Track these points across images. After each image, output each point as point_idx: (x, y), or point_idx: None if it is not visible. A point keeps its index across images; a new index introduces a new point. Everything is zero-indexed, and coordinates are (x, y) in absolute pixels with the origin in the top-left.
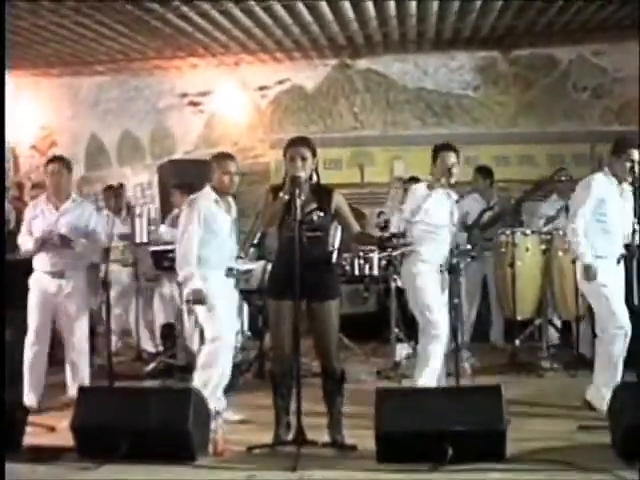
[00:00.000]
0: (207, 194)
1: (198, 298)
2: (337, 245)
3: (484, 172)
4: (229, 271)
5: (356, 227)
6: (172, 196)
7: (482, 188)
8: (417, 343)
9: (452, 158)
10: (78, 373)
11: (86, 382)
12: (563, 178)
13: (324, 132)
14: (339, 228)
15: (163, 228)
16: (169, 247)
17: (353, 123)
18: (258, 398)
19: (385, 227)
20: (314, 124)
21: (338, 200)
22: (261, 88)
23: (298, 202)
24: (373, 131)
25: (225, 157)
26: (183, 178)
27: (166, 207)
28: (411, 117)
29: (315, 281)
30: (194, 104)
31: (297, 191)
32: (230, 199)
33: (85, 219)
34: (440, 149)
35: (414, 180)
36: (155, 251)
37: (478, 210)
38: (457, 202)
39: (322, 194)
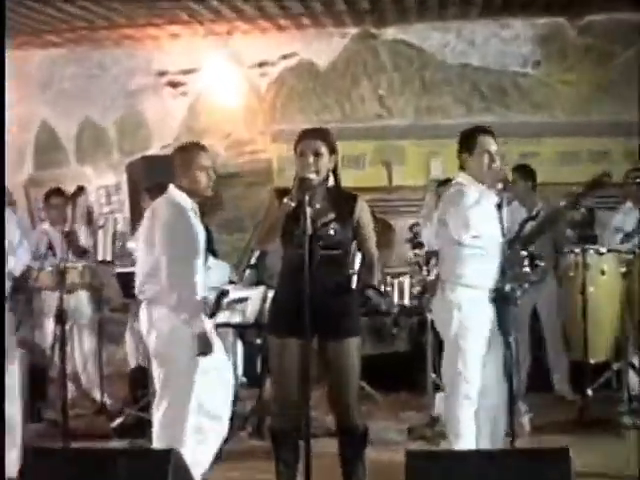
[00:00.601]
0: (183, 198)
1: (203, 343)
2: (358, 267)
3: (524, 172)
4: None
5: (370, 252)
6: (142, 201)
7: (522, 192)
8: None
9: (493, 145)
10: (9, 432)
11: (17, 442)
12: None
13: (340, 121)
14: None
15: (133, 243)
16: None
17: (378, 109)
18: (256, 463)
19: (419, 245)
20: (328, 111)
21: (362, 210)
22: (260, 65)
23: (309, 211)
24: (403, 120)
25: (197, 148)
26: (159, 179)
27: (137, 216)
28: (452, 102)
29: (330, 313)
30: (175, 85)
31: (307, 196)
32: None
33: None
34: (476, 133)
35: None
36: (123, 273)
37: (518, 221)
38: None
39: (342, 201)
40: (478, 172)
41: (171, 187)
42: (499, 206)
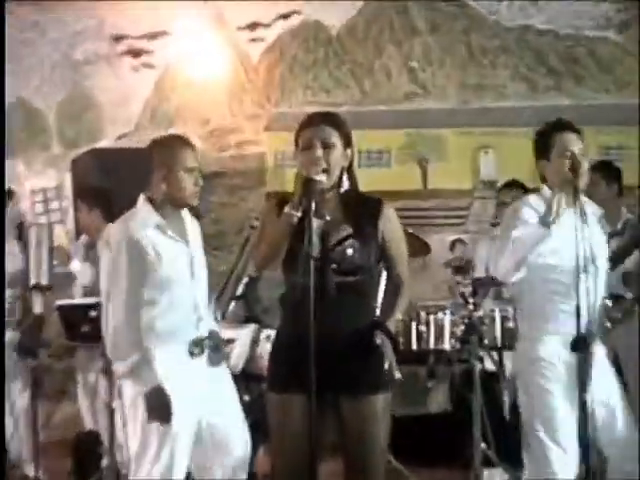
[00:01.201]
0: (141, 216)
1: (158, 406)
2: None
3: (606, 172)
4: (195, 346)
5: (400, 279)
6: (79, 211)
7: (604, 199)
8: (518, 469)
9: (577, 144)
10: None
11: None
12: None
13: (359, 103)
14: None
15: (77, 264)
16: (89, 300)
17: (409, 87)
18: None
19: (463, 269)
20: (341, 89)
21: (389, 221)
22: (251, 27)
23: (315, 224)
24: (443, 101)
25: (181, 143)
26: (115, 180)
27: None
28: (508, 77)
29: (347, 362)
30: (136, 54)
31: (314, 204)
32: (186, 215)
33: None
34: (554, 130)
35: (515, 187)
36: (66, 307)
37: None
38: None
39: (361, 210)
40: (559, 181)
41: (140, 201)
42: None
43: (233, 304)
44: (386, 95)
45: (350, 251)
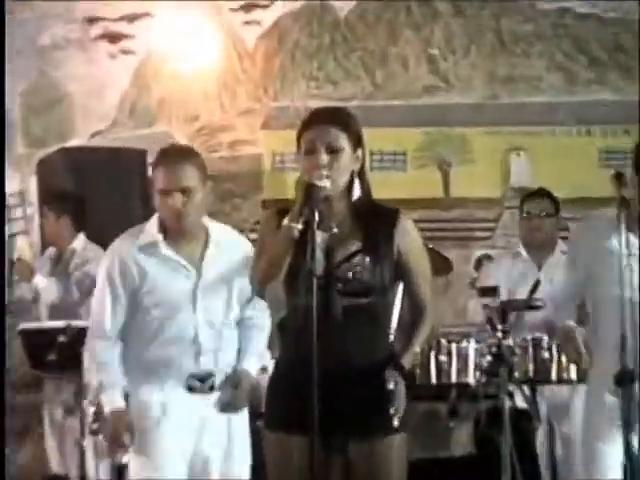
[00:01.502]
0: (139, 232)
1: (117, 432)
2: (395, 322)
3: None
4: (195, 380)
5: (419, 301)
6: (44, 217)
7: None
8: None
9: None
10: None
11: None
12: None
13: (370, 97)
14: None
15: (41, 280)
16: (55, 324)
17: (428, 78)
18: None
19: (492, 291)
20: (350, 80)
21: (406, 233)
22: (245, 8)
23: (320, 237)
24: (468, 95)
25: (159, 160)
26: (87, 184)
27: (52, 240)
28: (543, 68)
29: (356, 397)
30: (113, 38)
31: (317, 215)
32: (214, 242)
33: None
34: None
35: (542, 197)
36: (31, 331)
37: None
38: None
39: (374, 221)
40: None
41: (154, 216)
42: None
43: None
44: (402, 88)
45: (359, 268)
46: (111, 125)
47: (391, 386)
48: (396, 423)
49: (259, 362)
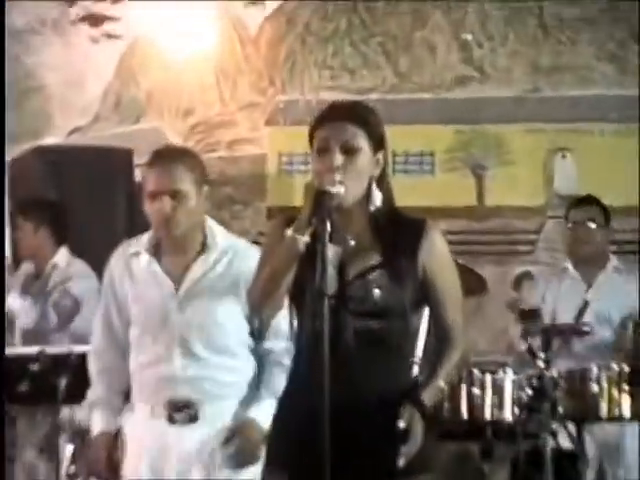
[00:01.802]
0: (135, 240)
1: (99, 461)
2: (421, 349)
3: None
4: (175, 409)
5: (447, 326)
6: (18, 231)
7: None
8: None
9: None
10: None
11: None
12: None
13: (393, 90)
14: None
15: (15, 301)
16: (27, 350)
17: (461, 68)
18: None
19: (532, 313)
20: (370, 69)
21: (433, 246)
22: None
23: (332, 251)
24: (506, 88)
25: (152, 160)
26: (65, 188)
27: (24, 251)
28: (593, 57)
29: (371, 437)
30: (96, 21)
31: (329, 225)
32: (202, 256)
33: None
34: None
35: (590, 204)
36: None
37: None
38: None
39: (395, 233)
40: None
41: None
42: None
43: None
44: (429, 79)
45: (375, 286)
46: (93, 120)
47: (403, 425)
48: (401, 463)
49: (273, 406)
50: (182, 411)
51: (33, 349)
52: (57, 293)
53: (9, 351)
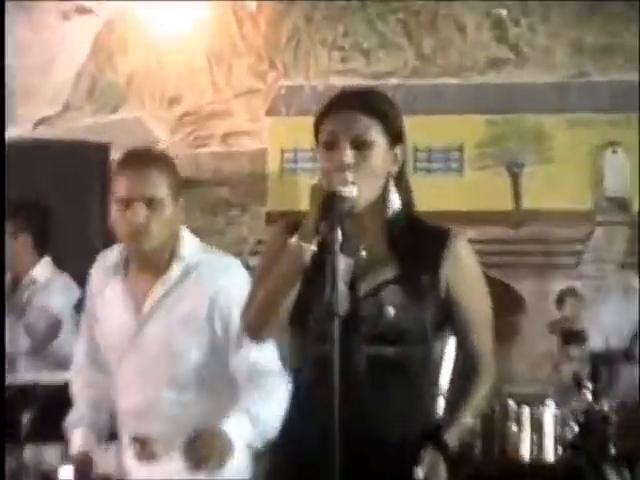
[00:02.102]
0: (105, 255)
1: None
2: (446, 380)
3: None
4: (136, 444)
5: (475, 353)
6: None
7: None
8: None
9: None
10: None
11: None
12: None
13: (413, 74)
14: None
15: None
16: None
17: (494, 49)
18: None
19: (577, 336)
20: (388, 51)
21: (460, 260)
22: None
23: (343, 263)
24: (547, 72)
25: (123, 162)
26: (30, 187)
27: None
28: None
29: None
30: None
31: (340, 233)
32: (170, 270)
33: None
34: None
35: None
36: None
37: None
38: None
39: (415, 243)
40: None
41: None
42: None
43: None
44: (457, 61)
45: (391, 305)
46: (63, 110)
47: (422, 473)
48: None
49: (252, 425)
50: (143, 447)
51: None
52: (34, 312)
53: None
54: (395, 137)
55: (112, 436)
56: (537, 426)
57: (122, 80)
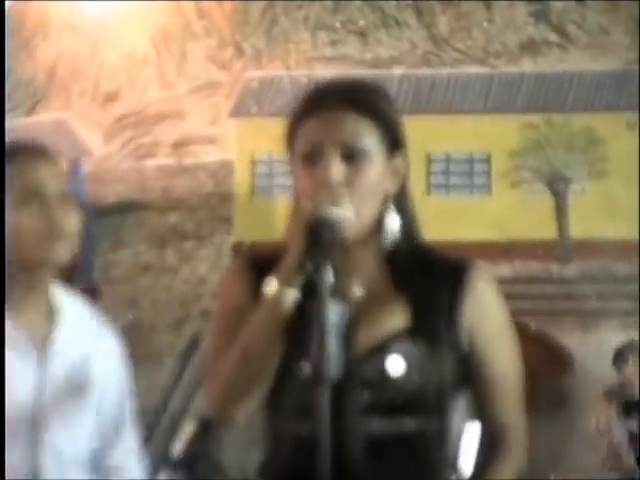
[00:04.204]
0: None
1: None
2: (472, 456)
3: None
4: None
5: (504, 423)
6: None
7: None
8: None
9: None
10: None
11: None
12: None
13: (424, 62)
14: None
15: None
16: None
17: (530, 29)
18: None
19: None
20: (392, 32)
21: (482, 305)
22: None
23: (334, 312)
24: (601, 58)
25: (35, 159)
26: None
27: None
28: None
29: None
30: None
31: (329, 269)
32: (57, 293)
33: None
34: None
35: None
36: None
37: None
38: None
39: (427, 280)
40: None
41: None
42: None
43: (166, 474)
44: (482, 45)
45: (399, 365)
46: None
47: None
48: None
49: None
50: None
51: None
52: None
53: None
54: (395, 144)
55: None
56: None
57: (41, 72)
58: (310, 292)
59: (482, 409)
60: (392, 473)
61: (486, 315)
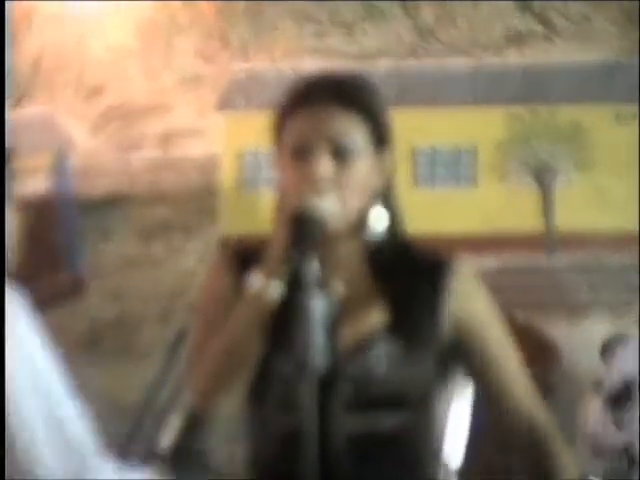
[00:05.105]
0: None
1: None
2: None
3: None
4: None
5: (530, 415)
6: None
7: None
8: None
9: None
10: None
11: None
12: None
13: (411, 53)
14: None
15: None
16: None
17: (516, 20)
18: None
19: (628, 396)
20: (378, 23)
21: (468, 299)
22: None
23: (319, 306)
24: (589, 48)
25: None
26: None
27: None
28: None
29: None
30: None
31: (315, 263)
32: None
33: None
34: None
35: None
36: None
37: None
38: None
39: (409, 277)
40: None
41: None
42: None
43: (151, 469)
44: (468, 36)
45: (383, 360)
46: None
47: None
48: None
49: None
50: None
51: None
52: None
53: None
54: (382, 140)
55: None
56: None
57: (25, 65)
58: (295, 285)
59: (495, 403)
60: (376, 469)
61: (472, 304)
